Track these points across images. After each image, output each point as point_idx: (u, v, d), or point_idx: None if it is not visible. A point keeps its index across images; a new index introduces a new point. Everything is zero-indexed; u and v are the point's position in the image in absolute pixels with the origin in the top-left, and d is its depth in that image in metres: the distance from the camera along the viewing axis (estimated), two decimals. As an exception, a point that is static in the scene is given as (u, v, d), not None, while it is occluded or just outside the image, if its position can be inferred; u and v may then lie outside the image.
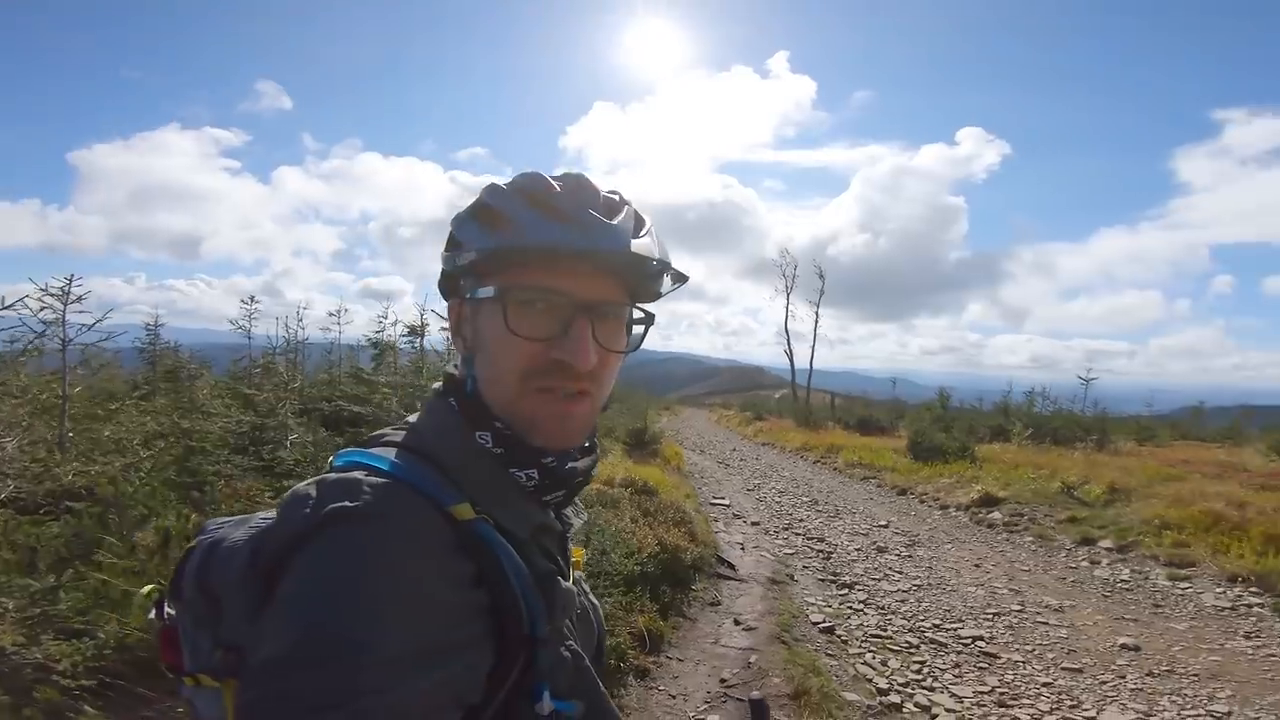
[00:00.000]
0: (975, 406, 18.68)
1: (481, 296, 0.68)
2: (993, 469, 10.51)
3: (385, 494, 0.59)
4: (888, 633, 4.69)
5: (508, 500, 0.68)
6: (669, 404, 36.82)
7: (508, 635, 0.60)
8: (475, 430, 0.69)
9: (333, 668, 0.49)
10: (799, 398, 30.62)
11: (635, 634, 3.85)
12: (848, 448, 14.45)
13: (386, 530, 0.57)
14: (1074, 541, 7.12)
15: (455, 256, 0.69)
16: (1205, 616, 5.04)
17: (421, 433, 0.71)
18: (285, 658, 0.50)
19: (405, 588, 0.54)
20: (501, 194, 0.68)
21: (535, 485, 0.70)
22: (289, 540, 0.58)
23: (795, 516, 8.66)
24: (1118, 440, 13.30)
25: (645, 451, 11.19)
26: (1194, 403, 18.18)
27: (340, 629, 0.51)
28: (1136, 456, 11.59)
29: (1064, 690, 3.86)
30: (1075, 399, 15.65)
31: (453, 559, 0.59)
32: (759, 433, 20.88)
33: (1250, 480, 8.67)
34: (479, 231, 0.67)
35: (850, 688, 3.75)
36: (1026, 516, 8.15)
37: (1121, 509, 7.74)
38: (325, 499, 0.58)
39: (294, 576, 0.55)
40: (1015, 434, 13.83)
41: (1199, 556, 6.09)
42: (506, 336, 0.65)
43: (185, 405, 7.06)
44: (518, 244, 0.64)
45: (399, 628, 0.52)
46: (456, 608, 0.57)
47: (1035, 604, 5.35)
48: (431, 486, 0.62)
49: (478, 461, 0.68)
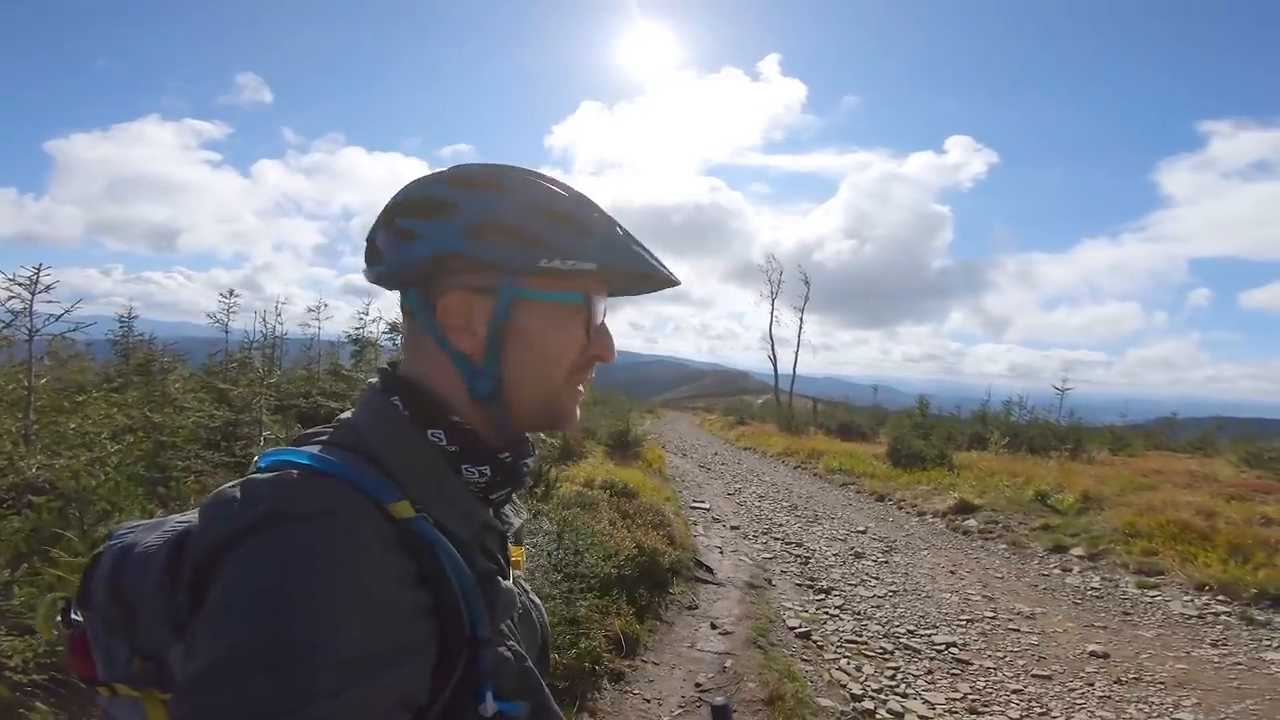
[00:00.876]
0: (954, 414, 18.87)
1: (558, 300, 0.68)
2: (969, 476, 10.63)
3: (319, 492, 0.57)
4: (863, 638, 4.71)
5: (452, 498, 0.66)
6: (652, 407, 36.86)
7: (449, 635, 0.59)
8: (426, 428, 0.67)
9: (284, 672, 0.47)
10: (781, 403, 30.78)
11: (611, 637, 3.83)
12: (828, 453, 14.54)
13: (325, 529, 0.54)
14: (1046, 549, 7.21)
15: (535, 254, 0.65)
16: (1173, 624, 5.12)
17: (358, 429, 0.68)
18: (229, 665, 0.48)
19: (351, 588, 0.52)
20: (566, 203, 0.68)
21: (485, 482, 0.69)
22: (216, 543, 0.55)
23: (775, 521, 8.69)
24: (1092, 449, 13.49)
25: (627, 454, 11.18)
26: (1168, 413, 18.51)
27: (288, 631, 0.49)
28: (1110, 466, 11.76)
29: (1034, 697, 3.89)
30: (1051, 408, 15.87)
31: (395, 557, 0.57)
32: (741, 437, 20.96)
33: (1220, 490, 8.83)
34: (585, 241, 0.67)
35: (825, 693, 3.76)
36: (1001, 524, 8.24)
37: (1094, 517, 7.85)
38: (255, 499, 0.56)
39: (228, 581, 0.53)
40: (992, 442, 13.99)
41: (1168, 565, 6.18)
42: (576, 338, 0.69)
43: (157, 399, 6.92)
44: (643, 270, 0.71)
45: (349, 629, 0.50)
46: (403, 608, 0.56)
47: (1008, 611, 5.40)
48: (368, 483, 0.60)
49: (422, 459, 0.66)
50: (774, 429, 21.04)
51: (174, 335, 13.58)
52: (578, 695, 3.24)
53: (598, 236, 0.68)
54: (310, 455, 0.62)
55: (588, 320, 0.69)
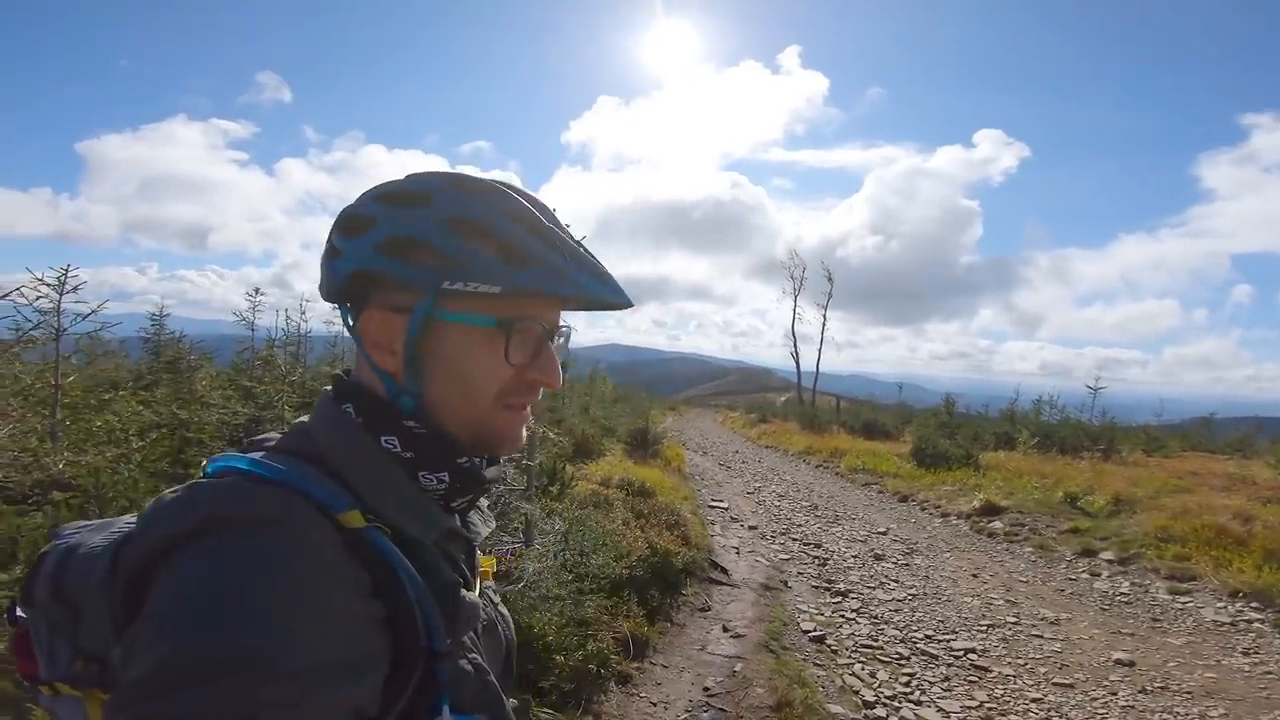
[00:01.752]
0: (982, 413, 18.51)
1: (469, 323, 0.64)
2: (996, 477, 10.41)
3: (266, 498, 0.56)
4: (879, 643, 4.63)
5: (411, 505, 0.65)
6: (675, 404, 36.79)
7: (404, 648, 0.57)
8: (379, 435, 0.65)
9: (226, 682, 0.45)
10: (804, 400, 30.50)
11: (619, 639, 3.81)
12: (851, 452, 14.35)
13: (269, 536, 0.53)
14: (1075, 553, 7.02)
15: (437, 275, 0.62)
16: (1204, 631, 4.95)
17: (310, 435, 0.67)
18: (164, 675, 0.46)
19: (296, 596, 0.50)
20: (493, 214, 0.64)
21: (445, 489, 0.67)
22: (154, 549, 0.53)
23: (794, 521, 8.60)
24: (1125, 450, 13.12)
25: (646, 452, 11.15)
26: (1205, 413, 17.94)
27: (230, 641, 0.47)
28: (1144, 467, 11.43)
29: (1053, 706, 3.78)
30: (1084, 407, 15.45)
31: (344, 567, 0.55)
32: (763, 435, 20.81)
33: (1258, 493, 8.52)
34: (490, 260, 0.62)
35: (836, 700, 3.70)
36: (1028, 526, 8.04)
37: (1125, 520, 7.63)
38: (196, 504, 0.55)
39: (166, 588, 0.51)
40: (1021, 442, 13.68)
41: (1201, 570, 5.98)
42: (496, 363, 0.64)
43: (184, 396, 7.08)
44: (562, 293, 0.64)
45: (297, 639, 0.49)
46: (352, 618, 0.54)
47: (1031, 616, 5.27)
48: (318, 491, 0.59)
49: (377, 466, 0.64)
50: (796, 427, 20.83)
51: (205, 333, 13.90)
52: (583, 698, 3.22)
53: (515, 255, 0.63)
54: (256, 461, 0.61)
55: (505, 344, 0.64)
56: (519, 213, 0.65)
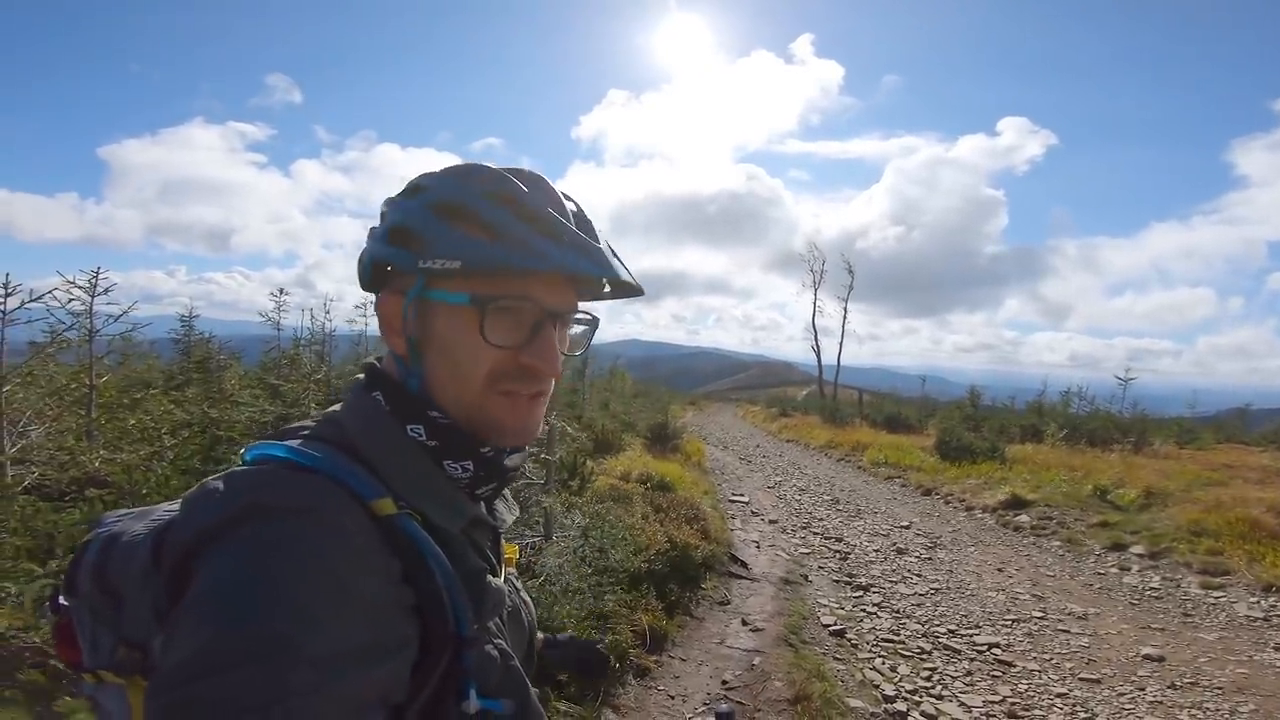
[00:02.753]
0: (1008, 405, 18.22)
1: (448, 301, 0.66)
2: (1023, 470, 10.23)
3: (303, 486, 0.58)
4: (900, 637, 4.59)
5: (439, 493, 0.67)
6: (695, 399, 36.70)
7: (432, 633, 0.59)
8: (405, 423, 0.67)
9: (259, 667, 0.47)
10: (825, 394, 30.25)
11: (638, 632, 3.83)
12: (874, 446, 14.20)
13: (307, 523, 0.55)
14: (1104, 547, 6.88)
15: (415, 256, 0.65)
16: (1236, 627, 4.83)
17: (342, 424, 0.69)
18: (204, 659, 0.48)
19: (332, 583, 0.52)
20: (466, 192, 0.66)
21: (469, 477, 0.69)
22: (197, 537, 0.56)
23: (815, 515, 8.55)
24: (1157, 442, 12.83)
25: (666, 447, 11.16)
26: (1240, 404, 17.46)
27: (264, 627, 0.49)
28: (1176, 460, 11.16)
29: (1079, 701, 3.73)
30: (1114, 399, 15.13)
31: (376, 554, 0.57)
32: (784, 429, 20.68)
33: (1295, 486, 8.29)
34: (459, 237, 0.64)
35: (855, 694, 3.68)
36: (1056, 520, 7.91)
37: (1156, 514, 7.47)
38: (237, 492, 0.57)
39: (206, 575, 0.53)
40: (1049, 434, 13.44)
41: (1234, 565, 5.83)
42: (477, 343, 0.65)
43: (214, 395, 7.24)
44: (524, 265, 0.63)
45: (328, 625, 0.50)
46: (383, 604, 0.56)
47: (1058, 611, 5.18)
48: (351, 479, 0.61)
49: (405, 455, 0.66)
50: (817, 421, 20.67)
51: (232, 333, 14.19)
52: (601, 690, 3.25)
53: (482, 230, 0.64)
54: (292, 449, 0.63)
55: (480, 322, 0.64)
56: (505, 193, 0.66)
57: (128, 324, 5.28)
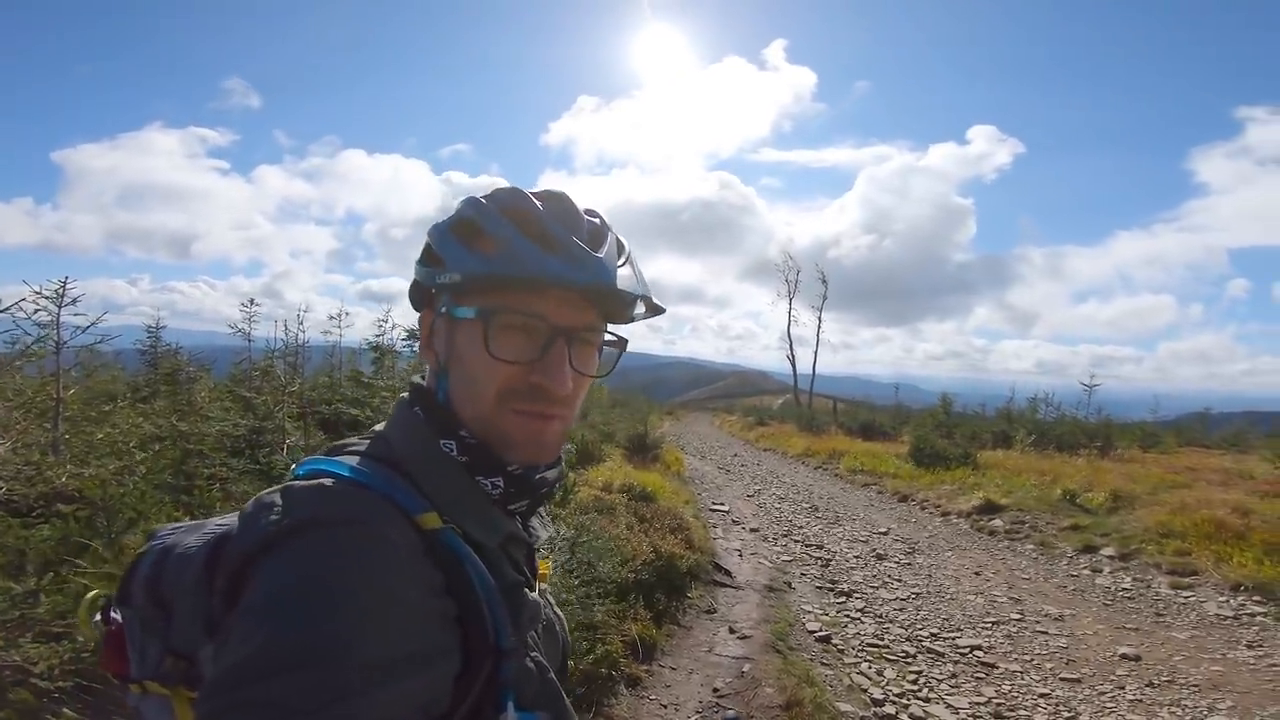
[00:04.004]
0: (979, 412, 18.60)
1: (461, 316, 0.68)
2: (995, 475, 10.45)
3: (354, 501, 0.59)
4: (885, 642, 4.64)
5: (476, 509, 0.68)
6: (672, 409, 36.76)
7: (473, 645, 0.60)
8: (440, 438, 0.69)
9: (312, 672, 0.48)
10: (801, 403, 30.54)
11: (628, 642, 3.81)
12: (850, 453, 14.38)
13: (357, 537, 0.56)
14: (1076, 549, 7.05)
15: (435, 273, 0.69)
16: (1207, 626, 4.98)
17: (389, 441, 0.71)
18: (260, 662, 0.49)
19: (380, 594, 0.54)
20: (485, 213, 0.68)
21: (500, 493, 0.70)
22: (254, 548, 0.57)
23: (795, 523, 8.61)
24: (1122, 447, 13.20)
25: (646, 457, 11.15)
26: (1200, 409, 18.05)
27: (318, 633, 0.50)
28: (1140, 463, 11.50)
29: (1061, 701, 3.80)
30: (1080, 405, 15.55)
31: (423, 566, 0.59)
32: (761, 438, 20.82)
33: (1255, 488, 8.59)
34: (464, 252, 0.67)
35: (844, 698, 3.71)
36: (1028, 524, 8.08)
37: (1125, 516, 7.67)
38: (293, 506, 0.58)
39: (263, 583, 0.54)
40: (1018, 440, 13.75)
41: (1202, 565, 6.02)
42: (486, 358, 0.66)
43: (184, 408, 7.05)
44: (507, 273, 0.65)
45: (377, 633, 0.52)
46: (430, 616, 0.57)
47: (1035, 613, 5.29)
48: (399, 494, 0.63)
49: (445, 470, 0.68)
50: (794, 429, 20.86)
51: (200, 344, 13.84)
52: (594, 701, 3.23)
53: (489, 246, 0.66)
54: (345, 465, 0.65)
55: (484, 335, 0.65)
56: (516, 209, 0.67)
57: (96, 335, 5.12)
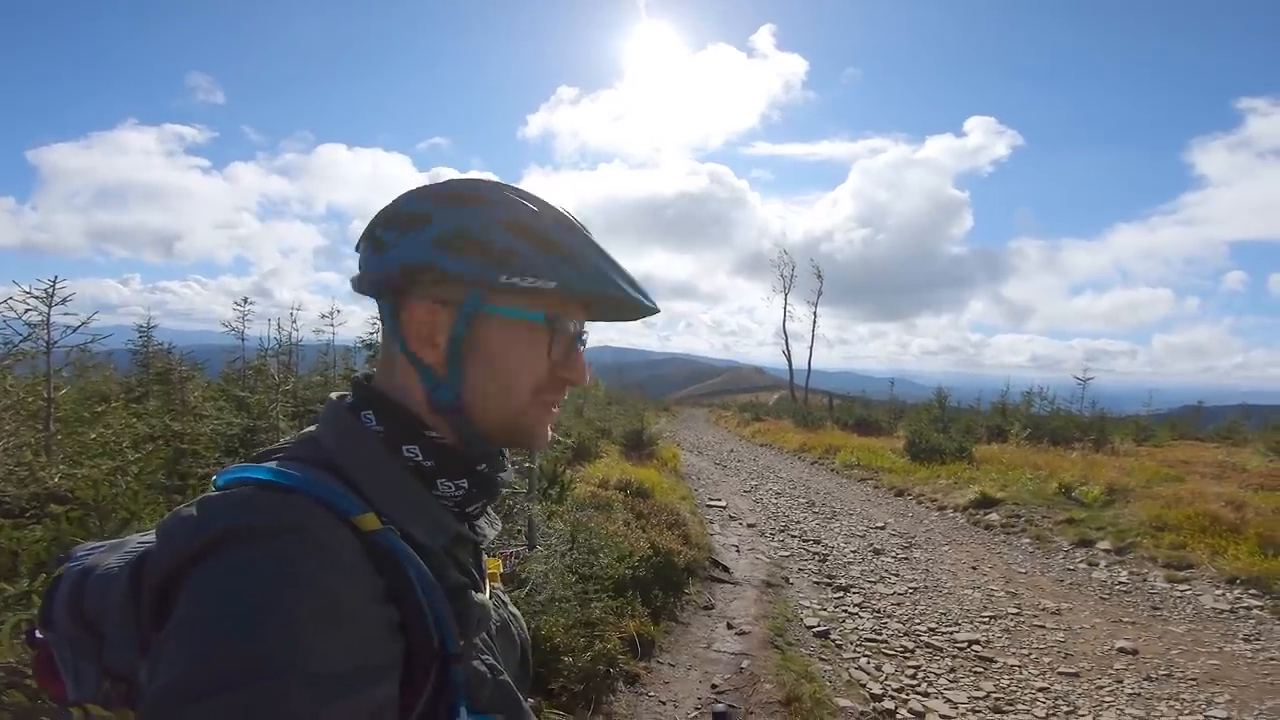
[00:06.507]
0: (974, 407, 18.67)
1: (520, 318, 0.67)
2: (990, 470, 10.47)
3: (282, 505, 0.56)
4: (883, 636, 4.65)
5: (422, 512, 0.66)
6: (668, 405, 36.75)
7: (417, 651, 0.57)
8: (401, 444, 0.66)
9: (251, 690, 0.45)
10: (797, 398, 30.61)
11: (626, 639, 3.80)
12: (845, 448, 14.40)
13: (289, 543, 0.53)
14: (1071, 543, 7.08)
15: (496, 270, 0.64)
16: (1204, 619, 5.00)
17: (320, 443, 0.67)
18: (194, 683, 0.46)
19: (318, 603, 0.51)
20: (543, 221, 0.67)
21: (461, 495, 0.69)
22: (175, 563, 0.54)
23: (792, 518, 8.62)
24: (1116, 440, 13.26)
25: (642, 453, 11.16)
26: (1193, 402, 18.16)
27: (255, 649, 0.47)
28: (1134, 457, 11.55)
29: (1060, 695, 3.81)
30: (1074, 399, 15.63)
31: (363, 573, 0.56)
32: (757, 433, 20.84)
33: (1249, 481, 8.64)
34: (551, 261, 0.66)
35: (843, 693, 3.71)
36: (1024, 518, 8.10)
37: (1120, 510, 7.70)
38: (213, 516, 0.55)
39: (190, 600, 0.51)
40: (1013, 434, 13.80)
41: (1198, 558, 6.04)
42: (538, 358, 0.67)
43: (177, 407, 7.01)
44: (603, 291, 0.68)
45: (317, 646, 0.49)
46: (372, 624, 0.54)
47: (1032, 607, 5.30)
48: (333, 496, 0.59)
49: (390, 473, 0.65)
50: (790, 425, 20.90)
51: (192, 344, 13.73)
52: (593, 698, 3.21)
53: (566, 257, 0.67)
54: (269, 470, 0.61)
55: (550, 340, 0.68)
56: (568, 222, 0.69)
57: (87, 335, 5.08)
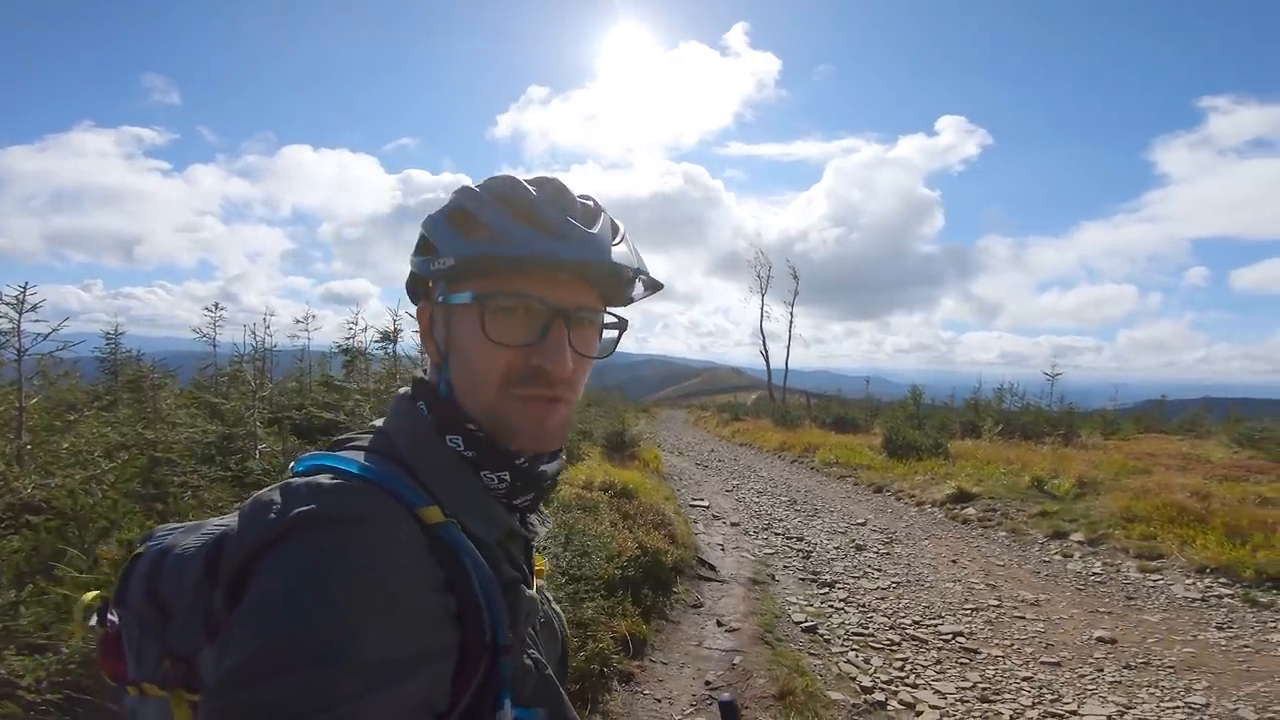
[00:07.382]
0: (947, 403, 19.00)
1: (457, 302, 0.67)
2: (965, 465, 10.67)
3: (355, 496, 0.58)
4: (869, 630, 4.71)
5: (477, 504, 0.67)
6: (646, 406, 36.78)
7: (471, 642, 0.59)
8: (445, 434, 0.68)
9: (310, 674, 0.48)
10: (775, 398, 30.85)
11: (618, 638, 3.81)
12: (824, 446, 14.56)
13: (359, 533, 0.55)
14: (1046, 535, 7.24)
15: (429, 261, 0.68)
16: (1177, 608, 5.15)
17: (389, 436, 0.70)
18: (257, 665, 0.48)
19: (382, 592, 0.53)
20: (478, 199, 0.67)
21: (506, 488, 0.70)
22: (253, 547, 0.55)
23: (774, 516, 8.69)
24: (1084, 434, 13.60)
25: (624, 454, 11.16)
26: (1157, 396, 18.70)
27: (317, 635, 0.49)
28: (1102, 450, 11.85)
29: (1044, 684, 3.90)
30: (1043, 394, 16.01)
31: (424, 563, 0.58)
32: (737, 433, 20.96)
33: (1213, 472, 8.93)
34: (456, 237, 0.66)
35: (834, 686, 3.76)
36: (999, 511, 8.27)
37: (1091, 502, 7.90)
38: (292, 503, 0.56)
39: (262, 583, 0.53)
40: (986, 430, 14.08)
41: (1168, 548, 6.22)
42: (484, 343, 0.66)
43: (149, 415, 6.85)
44: (499, 253, 0.64)
45: (377, 633, 0.51)
46: (431, 613, 0.56)
47: (1012, 598, 5.42)
48: (401, 489, 0.61)
49: (447, 465, 0.67)
50: (769, 424, 21.05)
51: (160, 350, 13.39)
52: (589, 698, 3.22)
53: (480, 230, 0.66)
54: (345, 460, 0.63)
55: (481, 320, 0.65)
56: (510, 194, 0.67)
57: (57, 342, 4.95)
